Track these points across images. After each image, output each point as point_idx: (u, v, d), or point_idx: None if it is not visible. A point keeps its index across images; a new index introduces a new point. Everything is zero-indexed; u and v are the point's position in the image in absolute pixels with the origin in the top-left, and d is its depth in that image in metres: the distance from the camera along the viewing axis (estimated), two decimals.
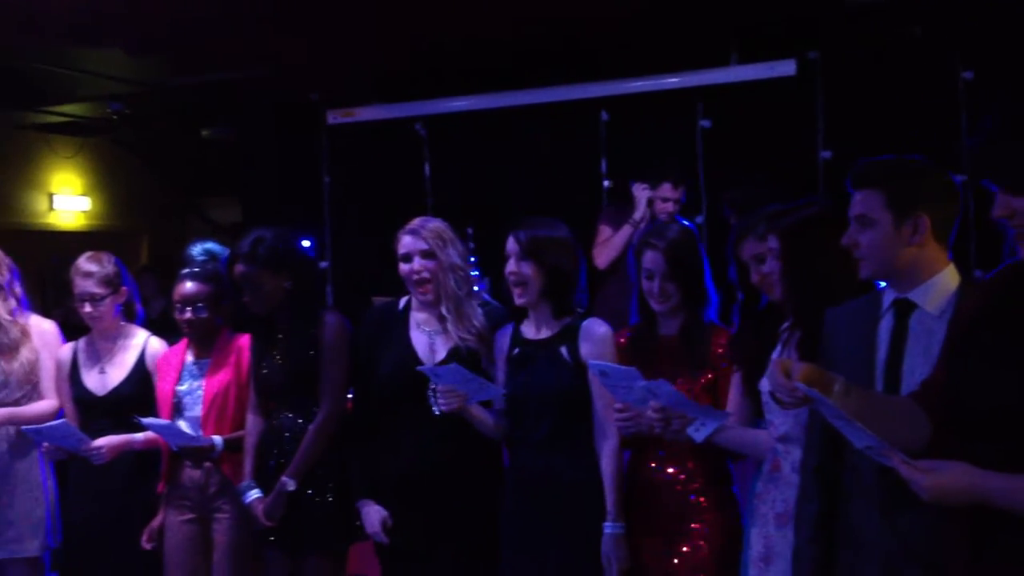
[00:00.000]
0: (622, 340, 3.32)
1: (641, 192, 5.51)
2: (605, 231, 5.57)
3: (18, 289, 4.25)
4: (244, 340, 3.88)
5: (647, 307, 3.26)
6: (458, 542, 3.42)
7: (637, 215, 5.49)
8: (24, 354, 4.16)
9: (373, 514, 3.47)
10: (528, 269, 3.28)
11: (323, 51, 6.21)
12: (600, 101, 6.51)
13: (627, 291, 3.50)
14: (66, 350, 4.18)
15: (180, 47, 5.95)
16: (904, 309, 2.38)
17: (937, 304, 2.35)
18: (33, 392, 4.19)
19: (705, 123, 6.30)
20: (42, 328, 4.26)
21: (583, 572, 3.20)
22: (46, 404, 4.18)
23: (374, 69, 6.78)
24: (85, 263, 4.06)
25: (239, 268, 3.66)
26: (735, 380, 3.10)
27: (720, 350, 3.18)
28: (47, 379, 4.19)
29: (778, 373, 2.28)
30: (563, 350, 3.29)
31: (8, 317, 4.17)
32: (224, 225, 9.36)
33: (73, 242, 7.87)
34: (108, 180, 9.44)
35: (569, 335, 3.30)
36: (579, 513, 3.22)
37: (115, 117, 7.78)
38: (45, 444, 3.94)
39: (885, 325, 2.40)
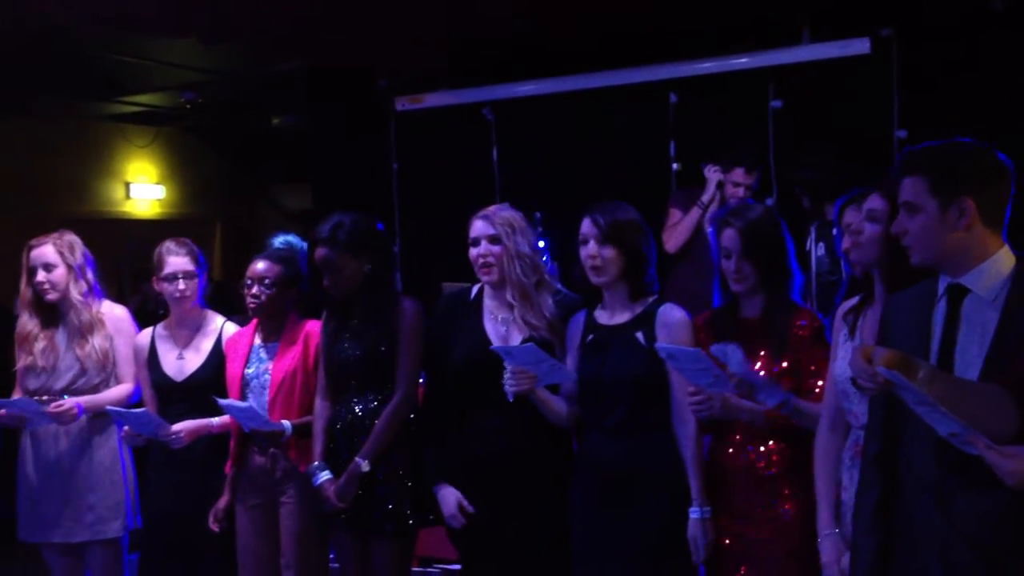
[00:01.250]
0: (700, 323, 3.30)
1: (712, 174, 5.44)
2: (675, 214, 5.52)
3: (90, 275, 4.32)
4: (312, 326, 3.92)
5: (729, 288, 3.23)
6: (530, 527, 3.42)
7: (705, 197, 5.42)
8: (96, 340, 4.23)
9: (450, 496, 3.49)
10: (608, 253, 3.27)
11: (391, 38, 6.23)
12: (669, 83, 6.41)
13: (697, 274, 3.46)
14: (144, 336, 4.25)
15: (252, 36, 6.01)
16: (957, 294, 2.35)
17: (989, 288, 2.31)
18: (110, 378, 4.27)
19: (776, 104, 6.17)
20: (114, 314, 4.34)
21: (661, 558, 3.19)
22: (121, 389, 4.26)
23: (442, 55, 6.78)
24: (173, 244, 4.14)
25: (320, 252, 3.69)
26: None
27: (802, 332, 3.12)
28: (123, 364, 4.27)
29: (859, 358, 2.25)
30: (639, 335, 3.26)
31: (80, 298, 4.25)
32: (294, 212, 9.46)
33: (148, 230, 8.03)
34: (182, 168, 9.59)
35: (645, 320, 3.28)
36: (655, 499, 3.20)
37: (188, 106, 7.91)
38: (126, 428, 4.02)
39: (940, 310, 2.37)
